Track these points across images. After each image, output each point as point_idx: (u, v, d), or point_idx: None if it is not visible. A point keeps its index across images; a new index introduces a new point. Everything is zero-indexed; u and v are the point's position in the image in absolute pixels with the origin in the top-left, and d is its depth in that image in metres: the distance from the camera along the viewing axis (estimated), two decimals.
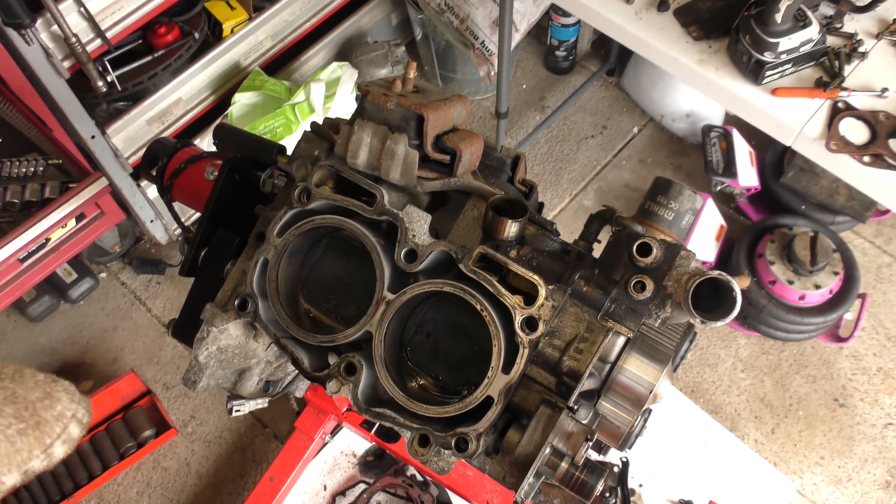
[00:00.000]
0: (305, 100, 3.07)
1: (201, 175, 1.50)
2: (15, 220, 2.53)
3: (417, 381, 1.26)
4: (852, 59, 2.21)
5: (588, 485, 1.09)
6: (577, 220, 3.63)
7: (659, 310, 1.09)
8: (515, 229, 1.16)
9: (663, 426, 2.95)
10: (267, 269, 1.24)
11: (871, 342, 3.24)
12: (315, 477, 2.91)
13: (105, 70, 2.67)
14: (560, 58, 4.02)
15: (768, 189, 3.39)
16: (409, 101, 1.16)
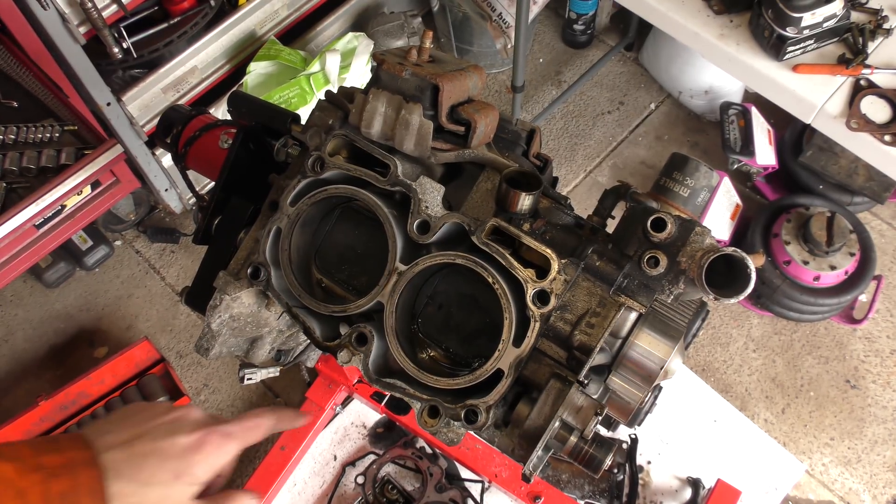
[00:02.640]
0: (320, 70, 3.06)
1: (215, 143, 1.50)
2: (31, 185, 2.55)
3: (428, 353, 1.26)
4: (876, 35, 2.17)
5: (596, 459, 1.10)
6: (591, 196, 3.61)
7: (672, 286, 1.09)
8: (529, 202, 1.16)
9: (673, 404, 2.95)
10: (280, 238, 1.24)
11: (885, 324, 3.22)
12: (325, 447, 2.93)
13: (121, 36, 2.66)
14: (578, 31, 3.98)
15: (786, 168, 3.36)
16: (425, 71, 1.14)
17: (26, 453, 0.80)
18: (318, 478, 2.89)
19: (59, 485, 0.79)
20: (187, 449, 0.90)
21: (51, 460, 0.80)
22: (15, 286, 3.36)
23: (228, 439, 0.94)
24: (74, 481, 0.80)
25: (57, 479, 0.79)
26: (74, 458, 0.83)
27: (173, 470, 0.88)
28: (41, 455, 0.80)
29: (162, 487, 0.87)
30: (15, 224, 2.49)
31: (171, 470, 0.88)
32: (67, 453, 0.83)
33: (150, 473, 0.86)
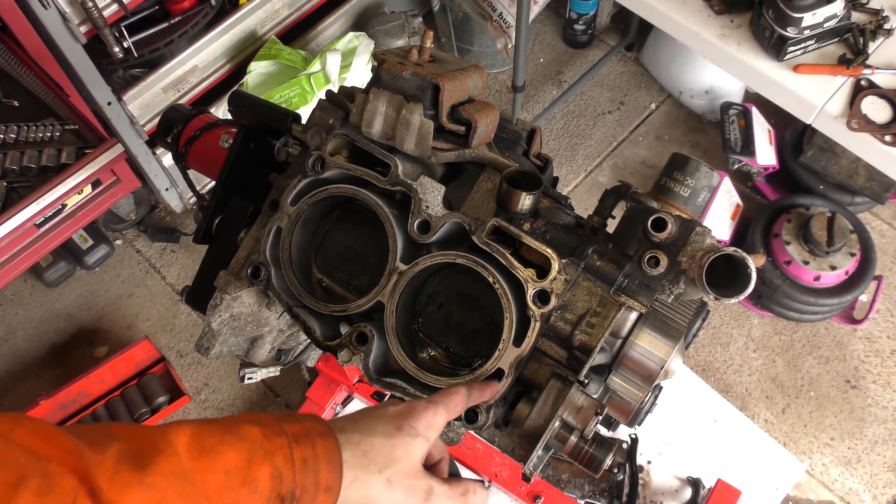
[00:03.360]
0: (321, 70, 3.06)
1: (216, 143, 1.50)
2: (32, 184, 2.55)
3: (428, 352, 1.26)
4: (877, 35, 2.17)
5: (597, 459, 1.10)
6: (591, 196, 3.61)
7: (672, 286, 1.09)
8: (529, 202, 1.16)
9: (673, 404, 2.95)
10: (280, 238, 1.24)
11: (885, 324, 3.22)
12: None
13: (121, 36, 2.66)
14: (579, 31, 3.98)
15: (786, 168, 3.36)
16: (426, 71, 1.15)
17: (269, 421, 0.83)
18: None
19: (300, 451, 0.82)
20: (400, 411, 0.95)
21: (292, 428, 0.84)
22: (15, 285, 3.37)
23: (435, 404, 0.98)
24: (314, 449, 0.84)
25: (299, 445, 0.82)
26: (312, 428, 0.86)
27: (392, 423, 0.92)
28: (283, 423, 0.84)
29: (385, 438, 0.90)
30: (15, 223, 2.49)
31: (390, 423, 0.92)
32: (306, 424, 0.86)
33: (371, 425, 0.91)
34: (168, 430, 0.77)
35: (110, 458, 0.71)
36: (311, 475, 0.82)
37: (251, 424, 0.81)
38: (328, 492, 0.84)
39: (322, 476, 0.83)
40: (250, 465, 0.77)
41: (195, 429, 0.78)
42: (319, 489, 0.83)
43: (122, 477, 0.70)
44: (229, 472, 0.76)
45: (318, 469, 0.83)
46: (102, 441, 0.72)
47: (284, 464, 0.80)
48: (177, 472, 0.74)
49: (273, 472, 0.79)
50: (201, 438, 0.77)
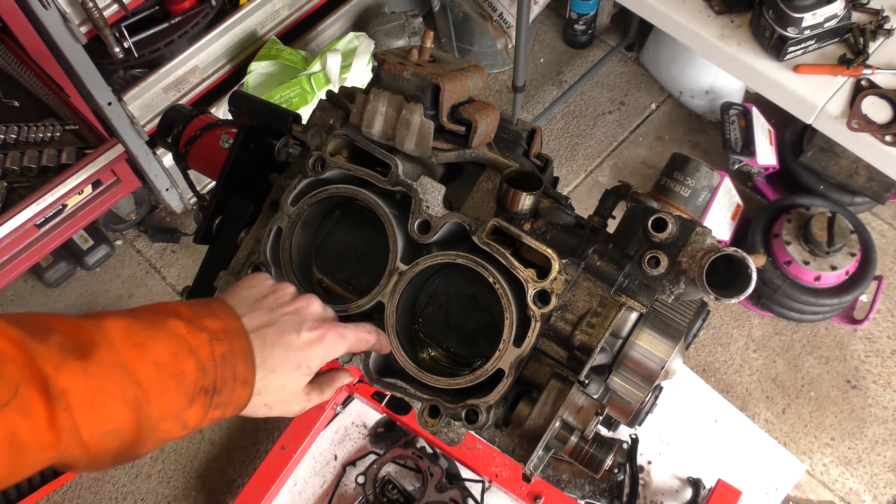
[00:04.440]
0: (321, 70, 3.06)
1: (216, 143, 1.50)
2: (32, 185, 2.55)
3: (429, 353, 1.26)
4: (877, 36, 2.17)
5: (597, 459, 1.10)
6: (591, 196, 3.61)
7: (673, 286, 1.09)
8: (530, 202, 1.16)
9: (674, 404, 2.95)
10: (280, 238, 1.24)
11: (885, 325, 3.22)
12: (326, 447, 2.94)
13: (122, 36, 2.66)
14: (579, 31, 3.98)
15: (787, 168, 3.36)
16: (426, 71, 1.15)
17: (189, 314, 0.89)
18: (319, 477, 2.89)
19: (220, 347, 0.88)
20: (308, 343, 0.99)
21: (211, 324, 0.90)
22: (16, 286, 3.37)
23: (342, 340, 1.03)
24: (231, 346, 0.90)
25: (219, 342, 0.89)
26: (229, 326, 0.92)
27: (294, 361, 0.98)
28: (203, 318, 0.89)
29: (283, 376, 0.97)
30: (16, 223, 2.49)
31: (293, 361, 0.97)
32: (223, 320, 0.92)
33: (276, 363, 0.96)
34: (102, 323, 0.83)
35: (53, 348, 0.77)
36: (229, 370, 0.89)
37: (175, 318, 0.87)
38: (244, 384, 0.91)
39: (239, 371, 0.90)
40: (177, 359, 0.84)
41: (127, 322, 0.84)
42: (237, 382, 0.90)
43: (67, 365, 0.76)
44: (159, 365, 0.82)
45: (235, 365, 0.90)
46: (43, 331, 0.78)
47: (207, 359, 0.86)
48: (115, 362, 0.80)
49: (197, 366, 0.85)
50: (133, 333, 0.83)
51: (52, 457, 0.76)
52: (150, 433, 0.83)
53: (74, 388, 0.76)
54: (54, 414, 0.74)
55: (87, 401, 0.77)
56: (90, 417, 0.77)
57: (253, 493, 2.72)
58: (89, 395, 0.77)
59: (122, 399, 0.80)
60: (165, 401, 0.83)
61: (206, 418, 0.88)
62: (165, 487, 3.00)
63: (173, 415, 0.84)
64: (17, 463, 0.74)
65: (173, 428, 0.86)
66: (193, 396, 0.85)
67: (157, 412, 0.82)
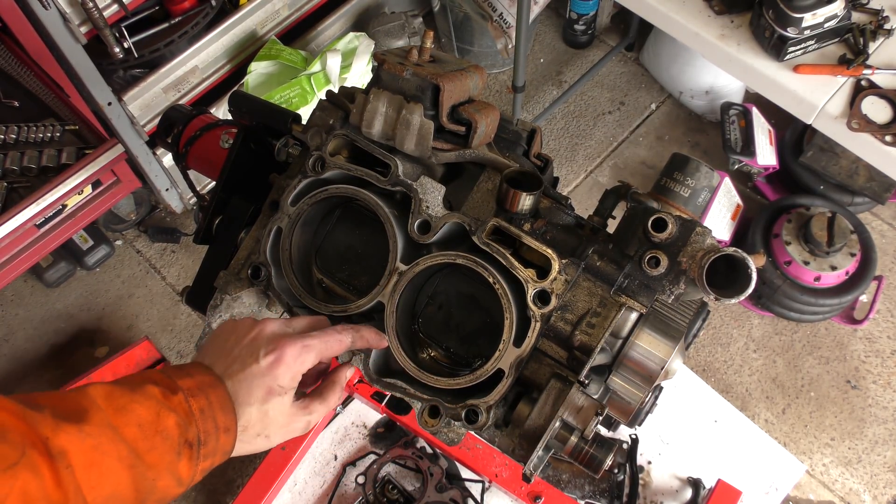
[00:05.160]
0: (321, 70, 3.06)
1: (216, 143, 1.50)
2: (32, 185, 2.55)
3: (429, 353, 1.26)
4: (877, 36, 2.17)
5: (597, 459, 1.10)
6: (591, 196, 3.61)
7: (673, 286, 1.09)
8: (530, 202, 1.16)
9: (674, 404, 2.95)
10: (280, 238, 1.24)
11: (885, 325, 3.22)
12: (326, 447, 2.93)
13: (122, 36, 2.66)
14: (579, 32, 3.98)
15: (787, 168, 3.35)
16: (426, 71, 1.15)
17: (164, 380, 0.93)
18: (319, 477, 2.89)
19: (197, 403, 0.93)
20: (270, 365, 1.00)
21: (186, 383, 0.94)
22: (16, 286, 3.37)
23: (307, 350, 1.03)
24: (208, 399, 0.94)
25: (195, 398, 0.93)
26: (203, 381, 0.96)
27: (264, 387, 1.00)
28: (177, 379, 0.94)
29: (260, 406, 0.99)
30: (16, 223, 2.48)
31: (262, 387, 0.99)
32: (197, 377, 0.96)
33: (246, 395, 0.98)
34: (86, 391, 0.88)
35: (48, 416, 0.82)
36: (210, 421, 0.93)
37: (151, 384, 0.91)
38: (227, 432, 0.95)
39: (219, 420, 0.94)
40: (158, 418, 0.88)
41: (108, 389, 0.89)
42: (219, 431, 0.94)
43: (64, 428, 0.81)
44: (142, 426, 0.87)
45: (215, 416, 0.94)
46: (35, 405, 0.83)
47: (186, 415, 0.91)
48: (105, 423, 0.85)
49: (178, 421, 0.90)
50: (114, 398, 0.88)
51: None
52: (149, 493, 0.88)
53: (73, 449, 0.81)
54: (58, 473, 0.79)
55: (85, 460, 0.81)
56: (90, 477, 0.82)
57: (253, 493, 2.72)
58: (86, 454, 0.82)
59: (118, 458, 0.84)
60: (154, 457, 0.87)
61: (197, 470, 0.92)
62: None
63: (166, 470, 0.88)
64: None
65: (170, 484, 0.90)
66: (179, 450, 0.89)
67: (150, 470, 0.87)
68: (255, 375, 0.99)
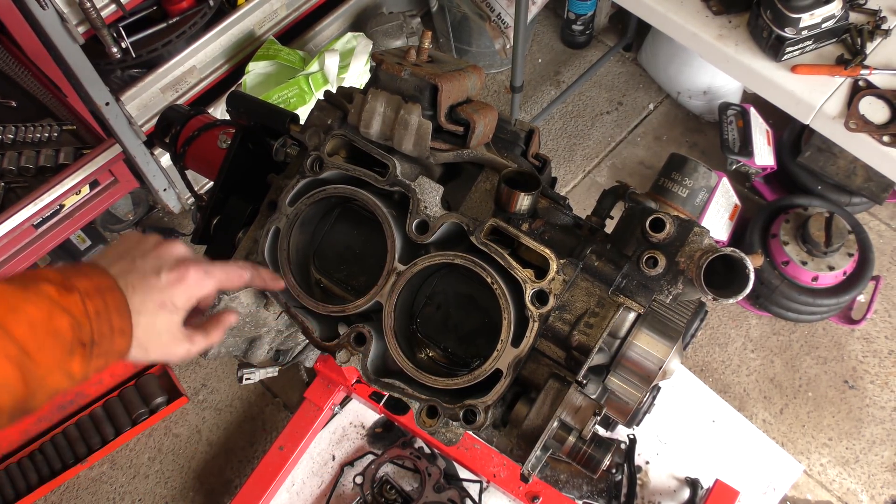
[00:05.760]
0: (319, 70, 3.06)
1: (214, 143, 1.50)
2: (29, 185, 2.54)
3: (427, 353, 1.26)
4: (875, 36, 2.17)
5: (595, 459, 1.10)
6: (590, 196, 3.61)
7: (671, 286, 1.09)
8: (528, 202, 1.16)
9: (671, 404, 2.95)
10: (278, 238, 1.24)
11: (883, 325, 3.22)
12: (324, 447, 2.93)
13: (119, 36, 2.66)
14: (577, 32, 3.98)
15: (784, 169, 3.36)
16: (424, 71, 1.15)
17: (58, 277, 0.91)
18: (317, 478, 2.89)
19: (93, 304, 0.92)
20: (169, 283, 1.01)
21: (82, 284, 0.92)
22: None
23: (208, 276, 1.05)
24: (104, 302, 0.93)
25: (91, 299, 0.92)
26: (101, 283, 0.95)
27: (157, 300, 1.00)
28: (73, 279, 0.92)
29: (149, 317, 0.99)
30: (13, 224, 2.48)
31: (155, 300, 1.00)
32: (94, 279, 0.95)
33: (139, 305, 0.98)
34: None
35: None
36: (105, 323, 0.93)
37: (46, 282, 0.90)
38: (122, 334, 0.95)
39: (115, 322, 0.94)
40: (51, 318, 0.87)
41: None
42: (115, 333, 0.94)
43: None
44: (33, 325, 0.86)
45: (111, 318, 0.94)
46: None
47: (81, 316, 0.90)
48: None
49: (72, 322, 0.89)
50: (5, 297, 0.86)
51: None
52: (39, 387, 0.87)
53: None
54: None
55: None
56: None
57: (251, 494, 2.72)
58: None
59: (6, 357, 0.84)
60: (45, 356, 0.87)
61: (90, 368, 0.92)
62: (163, 488, 2.99)
63: (57, 367, 0.88)
64: None
65: (61, 380, 0.90)
66: (72, 349, 0.89)
67: (39, 367, 0.86)
68: (153, 288, 1.00)
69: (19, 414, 0.88)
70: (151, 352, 1.01)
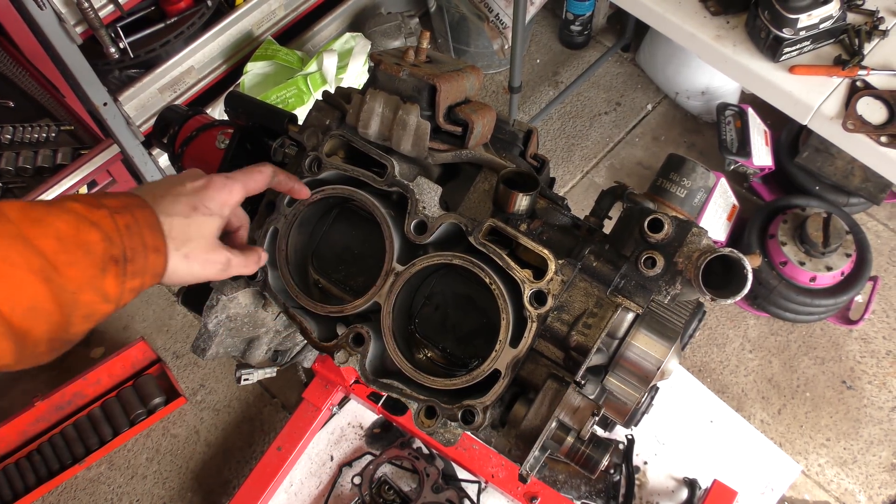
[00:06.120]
0: (318, 70, 3.06)
1: (212, 143, 1.50)
2: (27, 185, 2.54)
3: (425, 353, 1.26)
4: (872, 37, 2.18)
5: (593, 459, 1.10)
6: (588, 196, 3.61)
7: (669, 286, 1.09)
8: (526, 203, 1.16)
9: (670, 404, 2.95)
10: (277, 239, 1.24)
11: (881, 325, 3.23)
12: (322, 447, 2.93)
13: (117, 36, 2.66)
14: (575, 32, 3.98)
15: (782, 169, 3.36)
16: (422, 72, 1.14)
17: (87, 198, 0.88)
18: (315, 478, 2.89)
19: (122, 219, 0.88)
20: (196, 189, 1.00)
21: (110, 202, 0.89)
22: None
23: (231, 180, 1.04)
24: (134, 217, 0.90)
25: (120, 214, 0.88)
26: (129, 202, 0.92)
27: (188, 203, 0.98)
28: (101, 199, 0.89)
29: (182, 218, 0.96)
30: None
31: (186, 203, 0.98)
32: (122, 199, 0.92)
33: (170, 206, 0.96)
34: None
35: None
36: (136, 238, 0.89)
37: (72, 201, 0.86)
38: (157, 251, 0.92)
39: (147, 238, 0.90)
40: (79, 231, 0.83)
41: (23, 203, 0.83)
42: (148, 249, 0.90)
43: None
44: (61, 238, 0.81)
45: (142, 233, 0.90)
46: None
47: (111, 229, 0.86)
48: (14, 235, 0.79)
49: (102, 236, 0.85)
50: (29, 211, 0.82)
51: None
52: (73, 307, 0.83)
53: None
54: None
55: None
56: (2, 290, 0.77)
57: (249, 494, 2.72)
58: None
59: (29, 269, 0.79)
60: (75, 271, 0.82)
61: (125, 288, 0.89)
62: (161, 488, 2.99)
63: (88, 284, 0.84)
64: None
65: (95, 299, 0.85)
66: (104, 266, 0.85)
67: (69, 283, 0.81)
68: (181, 194, 0.98)
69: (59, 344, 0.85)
70: (192, 257, 0.98)
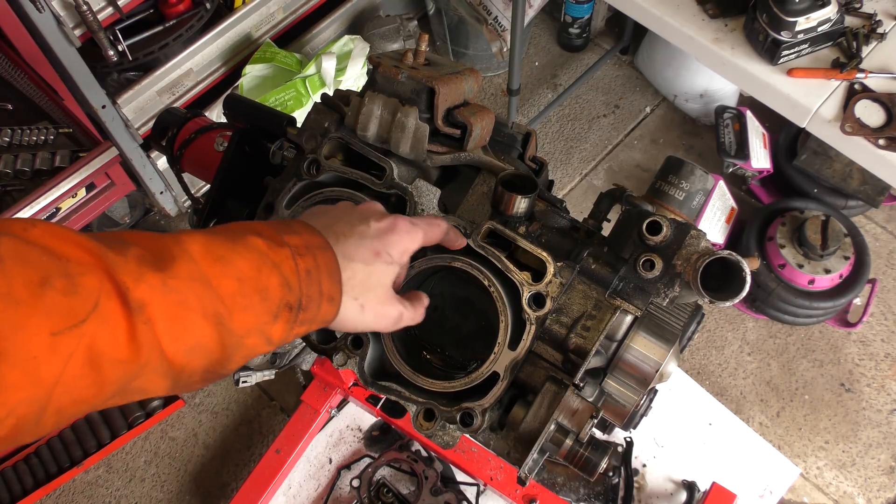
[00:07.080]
0: (316, 73, 3.06)
1: (211, 146, 1.50)
2: (25, 188, 2.54)
3: (424, 356, 1.26)
4: (871, 40, 2.18)
5: (592, 462, 1.10)
6: (586, 199, 3.61)
7: (667, 289, 1.09)
8: (525, 205, 1.16)
9: (668, 407, 2.95)
10: None
11: (879, 328, 3.23)
12: (321, 450, 2.93)
13: (116, 39, 2.66)
14: (574, 35, 3.98)
15: (781, 172, 3.37)
16: (421, 74, 1.15)
17: (269, 232, 0.84)
18: (314, 481, 2.89)
19: (304, 262, 0.84)
20: (381, 231, 0.95)
21: (293, 240, 0.85)
22: None
23: (415, 227, 0.99)
24: (315, 261, 0.86)
25: (302, 257, 0.84)
26: (312, 241, 0.87)
27: (371, 248, 0.93)
28: (283, 234, 0.85)
29: (366, 266, 0.92)
30: None
31: (369, 248, 0.93)
32: (305, 236, 0.87)
33: (352, 250, 0.91)
34: (180, 238, 0.78)
35: (132, 261, 0.72)
36: (314, 285, 0.85)
37: (254, 235, 0.83)
38: (331, 301, 0.87)
39: (324, 286, 0.86)
40: (260, 273, 0.80)
41: (206, 238, 0.79)
42: (323, 298, 0.86)
43: (147, 278, 0.72)
44: (242, 280, 0.78)
45: (321, 280, 0.86)
46: (120, 244, 0.73)
47: (291, 274, 0.82)
48: (195, 276, 0.76)
49: (282, 281, 0.81)
50: (212, 247, 0.79)
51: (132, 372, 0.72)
52: (236, 349, 0.80)
53: (154, 302, 0.72)
54: (135, 328, 0.70)
55: (167, 315, 0.73)
56: (171, 332, 0.73)
57: (247, 497, 2.71)
58: (169, 309, 0.73)
59: (203, 314, 0.76)
60: (248, 316, 0.79)
61: (291, 334, 0.85)
62: (159, 491, 2.99)
63: (257, 330, 0.81)
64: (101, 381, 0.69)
65: (259, 342, 0.82)
66: (277, 313, 0.81)
67: (240, 328, 0.79)
68: (365, 236, 0.92)
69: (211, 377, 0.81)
70: (367, 308, 0.93)
